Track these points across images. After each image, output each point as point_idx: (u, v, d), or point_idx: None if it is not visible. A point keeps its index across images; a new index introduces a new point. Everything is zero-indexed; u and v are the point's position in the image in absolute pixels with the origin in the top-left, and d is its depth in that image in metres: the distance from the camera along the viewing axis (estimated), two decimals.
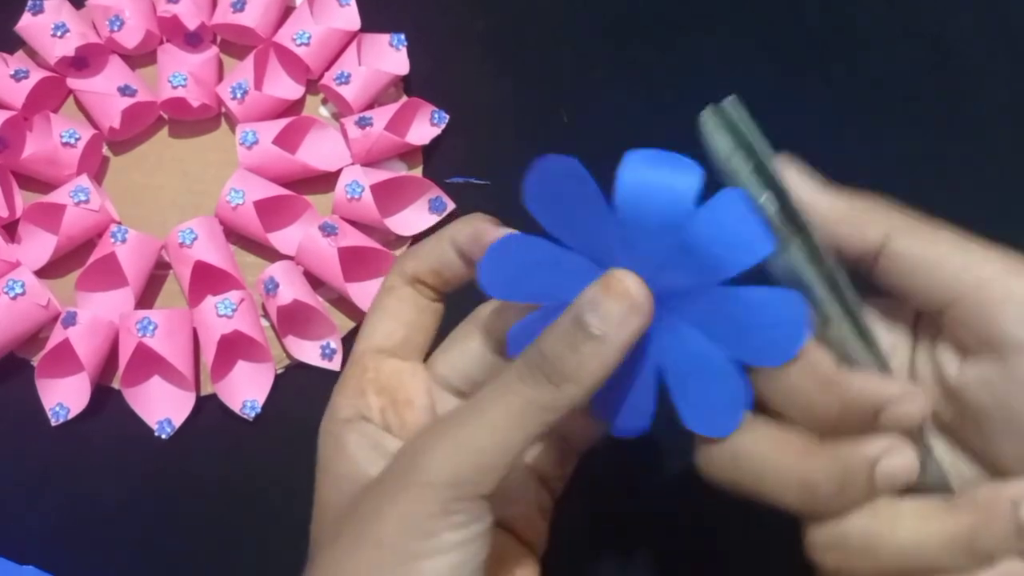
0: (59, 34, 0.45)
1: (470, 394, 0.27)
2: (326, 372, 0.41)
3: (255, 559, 0.39)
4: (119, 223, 0.43)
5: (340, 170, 0.43)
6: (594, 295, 0.24)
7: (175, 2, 0.45)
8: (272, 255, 0.43)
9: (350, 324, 0.42)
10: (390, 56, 0.46)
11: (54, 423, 0.40)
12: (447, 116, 0.45)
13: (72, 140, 0.43)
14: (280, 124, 0.44)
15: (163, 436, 0.40)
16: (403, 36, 0.46)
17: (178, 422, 0.40)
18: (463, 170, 0.45)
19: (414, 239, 0.43)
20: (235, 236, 0.43)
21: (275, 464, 0.40)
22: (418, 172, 0.45)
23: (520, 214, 0.26)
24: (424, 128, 0.45)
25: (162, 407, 0.41)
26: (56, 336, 0.40)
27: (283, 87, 0.46)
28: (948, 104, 0.46)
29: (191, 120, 0.46)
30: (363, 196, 0.42)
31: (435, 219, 0.43)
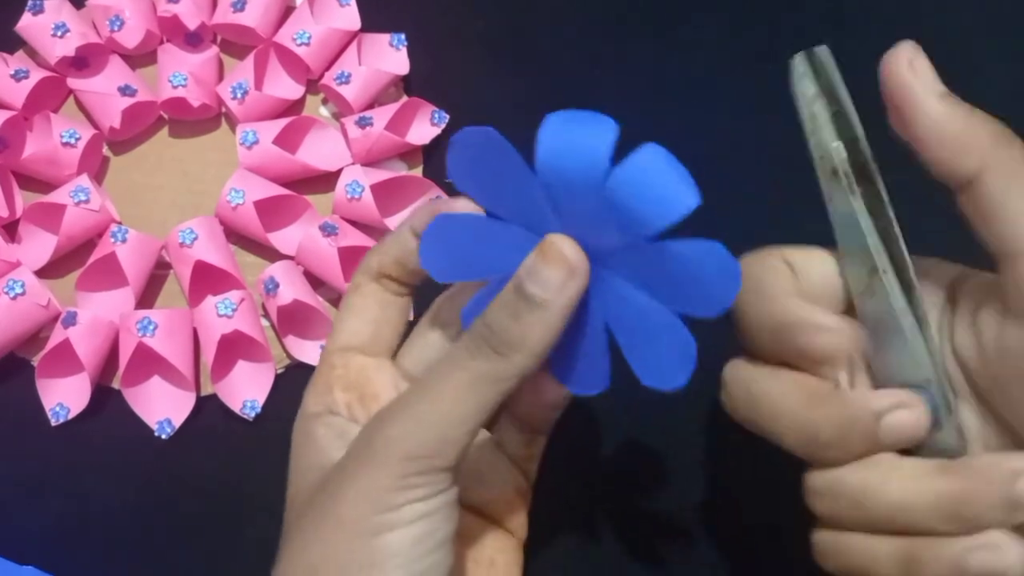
0: (59, 34, 0.45)
1: None
2: None
3: (255, 559, 0.39)
4: (119, 223, 0.43)
5: (340, 170, 0.43)
6: (532, 263, 0.24)
7: (175, 2, 0.45)
8: (272, 255, 0.43)
9: None
10: (390, 56, 0.46)
11: (54, 423, 0.40)
12: (447, 116, 0.45)
13: (72, 140, 0.43)
14: (280, 124, 0.44)
15: (163, 436, 0.40)
16: (403, 36, 0.46)
17: (178, 422, 0.40)
18: None
19: None
20: (235, 236, 0.43)
21: (275, 464, 0.40)
22: (418, 172, 0.45)
23: None
24: (424, 128, 0.45)
25: (162, 407, 0.41)
26: (56, 336, 0.40)
27: (283, 87, 0.46)
28: None
29: (191, 120, 0.46)
30: (363, 196, 0.42)
31: None
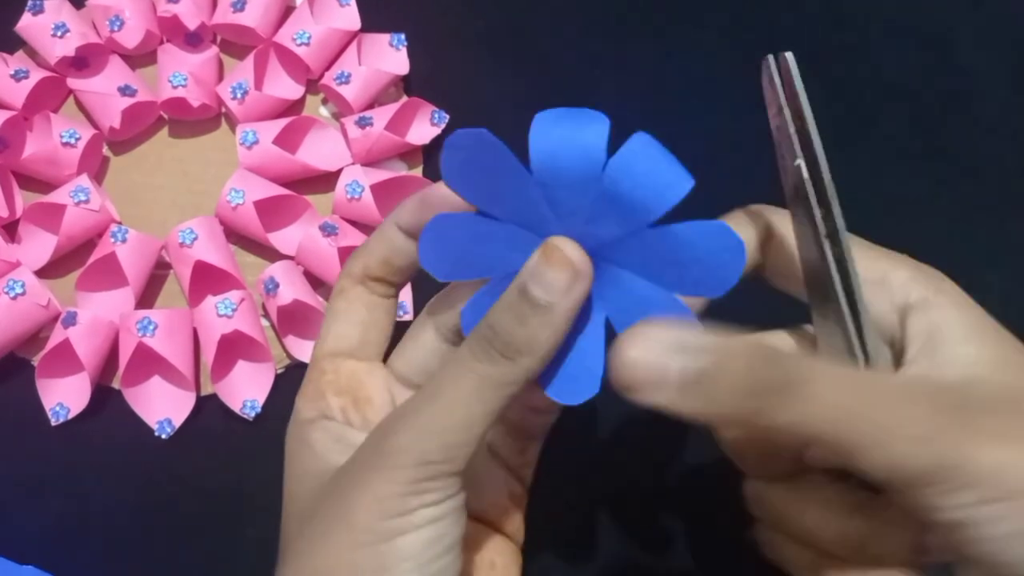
0: (59, 34, 0.45)
1: None
2: None
3: (255, 559, 0.39)
4: (119, 223, 0.43)
5: (340, 170, 0.43)
6: (535, 266, 0.24)
7: (175, 2, 0.45)
8: (272, 255, 0.43)
9: None
10: (390, 56, 0.46)
11: (54, 423, 0.40)
12: (447, 116, 0.45)
13: (72, 140, 0.43)
14: (280, 124, 0.44)
15: (163, 436, 0.40)
16: (403, 36, 0.46)
17: (178, 422, 0.40)
18: None
19: None
20: (235, 236, 0.43)
21: (275, 464, 0.40)
22: (418, 172, 0.45)
23: None
24: (424, 128, 0.45)
25: (162, 407, 0.41)
26: (56, 336, 0.40)
27: (283, 87, 0.46)
28: (947, 105, 0.46)
29: (191, 120, 0.46)
30: (363, 196, 0.42)
31: None
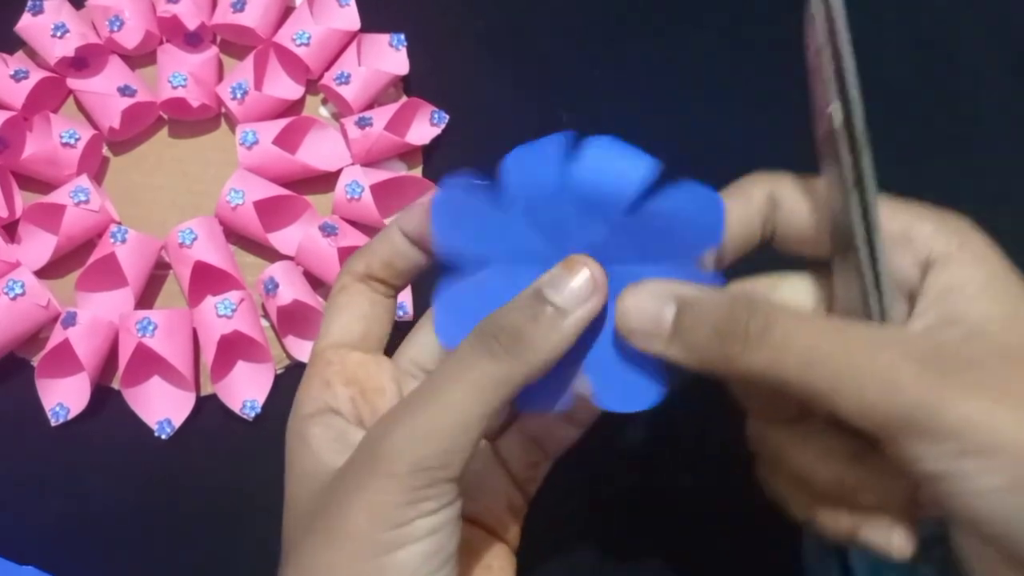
0: (59, 34, 0.45)
1: None
2: None
3: (255, 559, 0.39)
4: (119, 223, 0.43)
5: (340, 170, 0.43)
6: (555, 274, 0.24)
7: (175, 2, 0.45)
8: (272, 255, 0.43)
9: None
10: (390, 56, 0.46)
11: (54, 423, 0.40)
12: (447, 116, 0.45)
13: (72, 140, 0.43)
14: (280, 124, 0.44)
15: (163, 436, 0.40)
16: (403, 36, 0.46)
17: (178, 422, 0.40)
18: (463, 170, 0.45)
19: None
20: (235, 236, 0.43)
21: (275, 464, 0.40)
22: (418, 172, 0.45)
23: None
24: (424, 128, 0.45)
25: (162, 407, 0.41)
26: (56, 336, 0.40)
27: (283, 87, 0.46)
28: (947, 105, 0.46)
29: (191, 120, 0.46)
30: (363, 196, 0.42)
31: None
